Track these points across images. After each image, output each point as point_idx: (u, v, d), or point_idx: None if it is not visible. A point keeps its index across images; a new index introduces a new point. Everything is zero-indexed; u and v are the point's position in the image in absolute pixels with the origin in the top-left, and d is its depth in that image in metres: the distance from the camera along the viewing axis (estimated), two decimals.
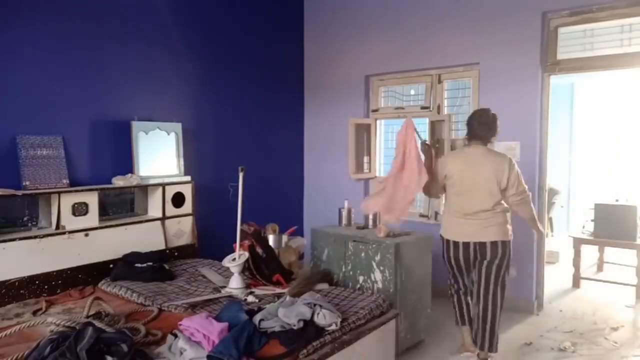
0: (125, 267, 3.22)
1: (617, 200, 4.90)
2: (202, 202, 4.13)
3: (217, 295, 2.90)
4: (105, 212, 3.61)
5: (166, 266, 3.38)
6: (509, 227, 2.96)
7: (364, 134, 5.10)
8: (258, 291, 2.98)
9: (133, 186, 3.62)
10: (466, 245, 2.94)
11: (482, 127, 2.98)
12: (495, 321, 2.99)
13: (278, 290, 3.01)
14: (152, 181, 3.72)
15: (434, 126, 4.61)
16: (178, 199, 3.86)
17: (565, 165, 7.58)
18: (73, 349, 1.80)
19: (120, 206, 3.76)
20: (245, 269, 3.12)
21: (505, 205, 2.96)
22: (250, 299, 2.83)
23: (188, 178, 3.98)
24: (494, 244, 2.89)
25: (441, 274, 4.31)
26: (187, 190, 3.93)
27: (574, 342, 3.50)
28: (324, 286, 3.13)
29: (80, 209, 3.28)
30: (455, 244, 2.98)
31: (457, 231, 2.98)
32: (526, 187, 2.99)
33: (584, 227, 5.13)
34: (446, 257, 3.09)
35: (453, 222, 3.01)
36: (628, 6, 3.70)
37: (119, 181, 3.50)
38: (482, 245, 2.90)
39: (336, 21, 5.23)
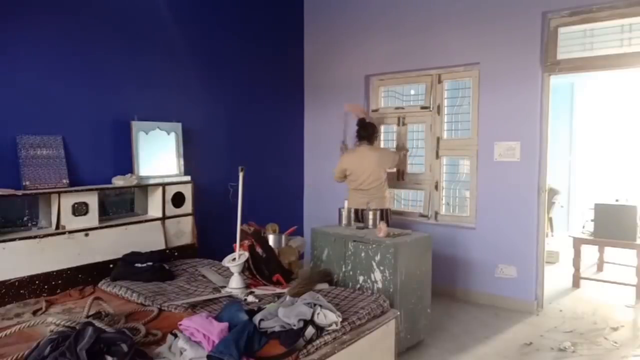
0: (125, 267, 3.22)
1: (617, 200, 4.90)
2: (202, 202, 4.13)
3: (217, 295, 2.90)
4: (105, 212, 3.61)
5: (166, 266, 3.38)
6: (387, 199, 4.32)
7: None
8: (258, 291, 2.97)
9: (133, 186, 3.62)
10: (362, 210, 4.03)
11: (364, 132, 4.35)
12: None
13: (278, 290, 3.01)
14: (152, 181, 3.72)
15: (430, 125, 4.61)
16: (178, 199, 3.86)
17: (565, 165, 7.58)
18: (73, 349, 1.80)
19: (120, 206, 3.76)
20: (245, 269, 3.12)
21: (385, 184, 4.32)
22: (250, 299, 2.83)
23: (188, 178, 3.98)
24: (377, 210, 4.00)
25: (441, 274, 4.33)
26: (187, 190, 3.93)
27: (574, 342, 3.50)
28: (324, 286, 3.12)
29: (80, 209, 3.28)
30: (356, 210, 4.01)
31: (356, 202, 4.09)
32: (396, 159, 4.51)
33: (584, 227, 5.13)
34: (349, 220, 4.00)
35: (353, 196, 4.22)
36: (628, 6, 3.70)
37: (119, 181, 3.50)
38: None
39: (336, 21, 5.23)
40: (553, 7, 3.97)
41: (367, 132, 4.35)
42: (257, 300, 2.81)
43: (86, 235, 3.29)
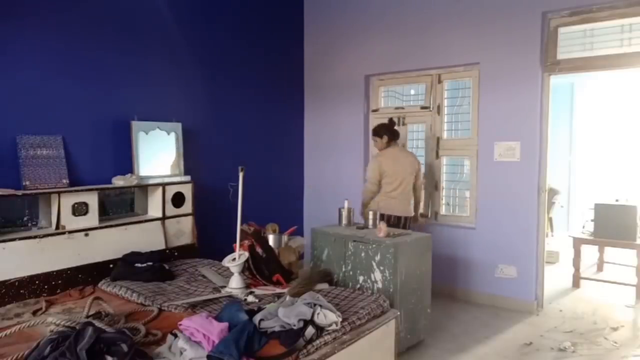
0: (125, 267, 3.22)
1: (617, 200, 4.90)
2: (202, 202, 4.13)
3: (217, 295, 2.90)
4: (105, 212, 3.61)
5: (166, 266, 3.38)
6: (411, 206, 4.18)
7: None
8: (258, 291, 2.97)
9: (133, 186, 3.62)
10: (397, 217, 3.98)
11: (392, 135, 4.10)
12: None
13: (278, 290, 3.01)
14: (152, 181, 3.72)
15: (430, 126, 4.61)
16: (178, 199, 3.86)
17: (565, 165, 7.58)
18: (73, 349, 1.80)
19: (120, 206, 3.76)
20: (245, 269, 3.12)
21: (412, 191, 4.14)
22: (250, 299, 2.83)
23: (188, 178, 3.98)
24: (407, 217, 4.07)
25: (441, 274, 4.33)
26: (187, 190, 3.93)
27: (574, 342, 3.50)
28: (324, 286, 3.12)
29: (80, 209, 3.28)
30: (388, 216, 3.89)
31: (393, 208, 3.95)
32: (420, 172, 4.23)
33: (584, 227, 5.13)
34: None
35: (388, 202, 3.98)
36: (628, 6, 3.70)
37: (119, 181, 3.50)
38: (399, 218, 3.98)
39: (336, 22, 5.23)
40: (553, 7, 3.97)
41: (394, 136, 4.13)
42: (257, 300, 2.81)
43: (86, 235, 3.28)
